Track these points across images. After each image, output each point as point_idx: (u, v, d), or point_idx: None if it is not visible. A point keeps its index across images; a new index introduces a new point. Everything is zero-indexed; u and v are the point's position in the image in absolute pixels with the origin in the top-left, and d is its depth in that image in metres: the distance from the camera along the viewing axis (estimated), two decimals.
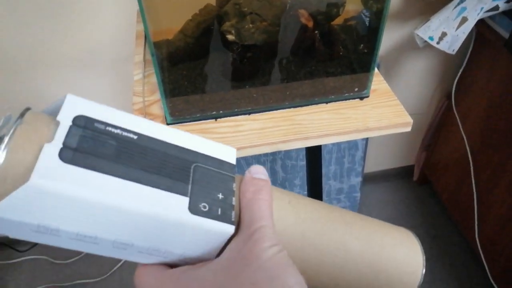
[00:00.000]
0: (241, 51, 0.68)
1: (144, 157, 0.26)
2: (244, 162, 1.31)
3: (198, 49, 0.70)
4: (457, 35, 1.01)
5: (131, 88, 0.75)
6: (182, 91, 0.67)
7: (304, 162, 1.35)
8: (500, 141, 1.17)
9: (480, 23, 1.11)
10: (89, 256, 1.46)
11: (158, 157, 0.27)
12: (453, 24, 1.01)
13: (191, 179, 0.27)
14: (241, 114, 0.69)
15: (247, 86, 0.69)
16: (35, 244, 1.37)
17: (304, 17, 0.69)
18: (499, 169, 1.19)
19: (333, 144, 1.35)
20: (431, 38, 1.04)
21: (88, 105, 0.27)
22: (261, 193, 0.29)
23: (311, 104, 0.70)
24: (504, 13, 1.00)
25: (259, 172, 0.30)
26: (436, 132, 1.48)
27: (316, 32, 0.69)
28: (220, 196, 0.28)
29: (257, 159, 1.32)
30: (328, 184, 1.47)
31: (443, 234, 1.52)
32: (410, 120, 0.66)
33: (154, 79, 0.76)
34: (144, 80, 0.76)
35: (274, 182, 1.40)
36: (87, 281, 1.40)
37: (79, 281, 1.40)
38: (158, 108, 0.70)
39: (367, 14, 0.69)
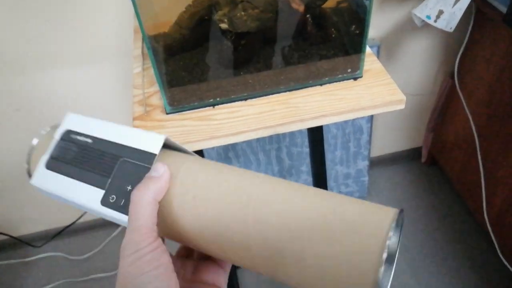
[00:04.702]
0: (235, 39, 0.69)
1: (89, 158, 0.33)
2: (250, 151, 1.33)
3: (194, 40, 0.71)
4: (454, 13, 1.01)
5: (132, 81, 0.77)
6: (180, 81, 0.69)
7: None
8: (505, 118, 1.16)
9: None
10: (104, 251, 1.50)
11: (98, 157, 0.32)
12: (450, 2, 1.01)
13: (113, 173, 0.31)
14: (237, 101, 0.71)
15: (242, 73, 0.70)
16: (51, 239, 1.41)
17: (295, 2, 0.70)
18: (505, 147, 1.18)
19: (338, 129, 1.36)
20: (428, 17, 1.04)
21: (78, 120, 0.35)
22: (145, 191, 0.29)
23: (306, 87, 0.71)
24: None
25: (156, 169, 0.30)
26: (441, 112, 1.48)
27: (308, 16, 0.70)
28: (129, 188, 0.30)
29: (263, 147, 1.33)
30: (335, 169, 1.48)
31: (453, 213, 1.52)
32: (403, 97, 0.67)
33: (153, 71, 0.78)
34: (143, 72, 0.78)
35: (281, 170, 1.42)
36: (103, 275, 1.44)
37: (95, 276, 1.44)
38: (157, 99, 0.72)
39: None
